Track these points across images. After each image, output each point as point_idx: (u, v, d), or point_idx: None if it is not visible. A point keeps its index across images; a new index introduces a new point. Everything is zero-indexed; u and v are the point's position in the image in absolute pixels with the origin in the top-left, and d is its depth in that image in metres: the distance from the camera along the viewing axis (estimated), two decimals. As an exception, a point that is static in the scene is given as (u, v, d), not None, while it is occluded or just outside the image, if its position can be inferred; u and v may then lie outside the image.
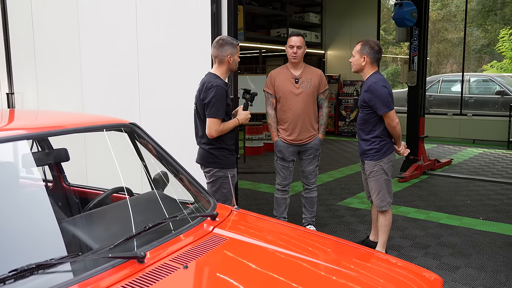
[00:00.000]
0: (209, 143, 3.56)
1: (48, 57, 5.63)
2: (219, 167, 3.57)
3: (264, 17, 11.69)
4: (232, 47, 3.55)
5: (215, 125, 3.45)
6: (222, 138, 3.55)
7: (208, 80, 3.50)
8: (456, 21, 22.72)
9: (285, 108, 4.42)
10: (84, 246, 2.00)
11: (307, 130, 4.43)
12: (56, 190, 3.20)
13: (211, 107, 3.42)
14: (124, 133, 2.62)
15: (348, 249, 2.35)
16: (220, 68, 3.57)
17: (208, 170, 3.61)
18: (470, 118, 11.07)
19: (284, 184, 4.57)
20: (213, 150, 3.56)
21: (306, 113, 4.40)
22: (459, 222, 5.19)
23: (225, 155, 3.59)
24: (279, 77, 4.45)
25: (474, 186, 6.90)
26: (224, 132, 3.53)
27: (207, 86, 3.45)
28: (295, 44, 4.36)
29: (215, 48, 3.56)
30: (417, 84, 7.62)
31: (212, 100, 3.41)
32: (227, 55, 3.53)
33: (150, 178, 2.64)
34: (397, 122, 3.85)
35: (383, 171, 3.91)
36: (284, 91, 4.39)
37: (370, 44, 3.89)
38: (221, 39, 3.57)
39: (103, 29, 5.06)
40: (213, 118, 3.44)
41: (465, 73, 12.01)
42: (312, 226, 4.68)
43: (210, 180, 3.61)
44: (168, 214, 2.26)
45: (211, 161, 3.58)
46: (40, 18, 5.65)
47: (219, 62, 3.56)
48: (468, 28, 20.17)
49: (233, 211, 2.51)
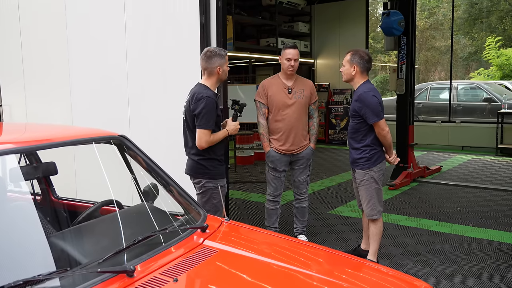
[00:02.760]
0: (199, 153, 3.55)
1: (37, 68, 5.60)
2: (208, 178, 3.56)
3: (254, 27, 11.74)
4: (220, 58, 3.55)
5: (205, 136, 3.45)
6: (211, 149, 3.54)
7: (198, 91, 3.50)
8: (443, 29, 23.02)
9: (278, 118, 4.43)
10: (73, 261, 1.98)
11: (300, 140, 4.45)
12: (45, 204, 3.17)
13: (201, 118, 3.42)
14: (113, 146, 2.60)
15: (340, 259, 2.35)
16: (209, 80, 3.58)
17: (198, 181, 3.59)
18: (458, 125, 11.17)
19: (275, 194, 4.56)
20: (203, 161, 3.55)
21: (298, 123, 4.42)
22: (449, 229, 5.21)
23: (214, 165, 3.58)
24: (272, 87, 4.46)
25: (463, 193, 6.95)
26: (214, 143, 3.53)
27: (197, 97, 3.45)
28: (292, 57, 4.38)
29: (204, 61, 3.56)
30: (405, 92, 7.68)
31: (202, 111, 3.41)
32: (216, 67, 3.53)
33: (140, 190, 2.63)
34: (387, 131, 3.88)
35: (374, 180, 3.93)
36: (277, 101, 4.40)
37: (360, 54, 3.92)
38: (208, 51, 3.57)
39: (92, 40, 5.04)
40: (203, 129, 3.44)
41: (453, 80, 12.13)
42: (304, 235, 4.67)
43: (200, 191, 3.58)
44: (158, 226, 2.25)
45: (201, 172, 3.57)
46: (28, 29, 5.62)
47: (209, 74, 3.57)
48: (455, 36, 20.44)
49: (223, 223, 2.50)
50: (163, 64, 4.55)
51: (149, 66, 4.65)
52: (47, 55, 5.49)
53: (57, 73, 5.40)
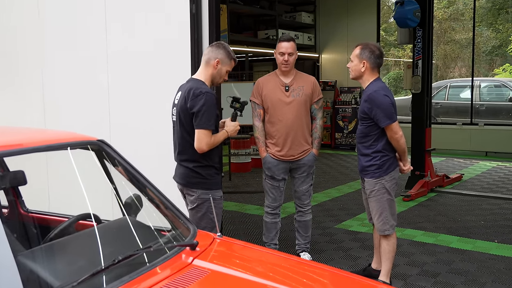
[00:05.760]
0: (194, 160, 3.47)
1: (6, 66, 5.58)
2: (205, 188, 3.48)
3: (251, 17, 11.79)
4: (226, 55, 3.55)
5: (206, 138, 3.38)
6: (208, 155, 3.47)
7: (195, 86, 3.43)
8: (464, 20, 23.15)
9: (274, 119, 4.42)
10: (44, 283, 1.97)
11: (300, 144, 4.43)
12: (12, 218, 3.15)
13: (201, 117, 3.35)
14: (91, 152, 2.59)
15: (348, 281, 2.34)
16: (203, 73, 3.55)
17: (192, 193, 3.51)
18: (481, 128, 11.20)
19: (274, 206, 4.55)
20: (199, 169, 3.48)
21: (298, 125, 4.41)
22: (471, 246, 5.22)
23: (212, 174, 3.53)
24: (267, 85, 4.46)
25: (487, 204, 6.96)
26: (215, 146, 3.47)
27: (194, 93, 3.38)
28: (286, 51, 4.36)
29: (209, 48, 3.60)
30: (421, 91, 7.71)
31: (203, 109, 3.34)
32: (215, 58, 3.52)
33: (121, 202, 2.62)
34: (400, 134, 3.87)
35: (386, 190, 3.92)
36: (272, 100, 4.40)
37: (371, 48, 3.92)
38: (220, 43, 3.63)
39: (68, 32, 5.04)
40: (204, 129, 3.36)
41: (475, 77, 12.20)
42: (307, 253, 4.67)
43: (195, 205, 3.51)
44: (142, 244, 2.25)
45: (196, 182, 3.49)
46: None
47: (205, 63, 3.55)
48: (477, 28, 20.53)
49: (216, 239, 2.50)
50: (148, 60, 4.54)
51: (133, 63, 4.65)
52: (18, 51, 5.48)
53: (27, 70, 5.39)
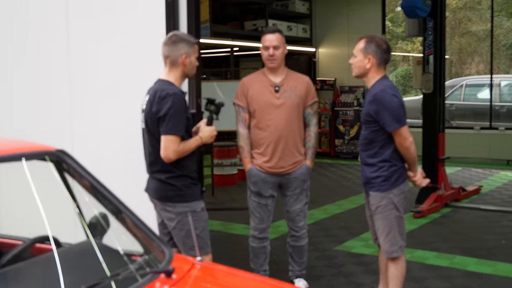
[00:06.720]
0: (167, 170, 3.53)
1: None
2: (183, 201, 3.54)
3: (237, 5, 11.80)
4: (188, 45, 3.59)
5: (173, 145, 3.43)
6: (181, 163, 3.53)
7: (160, 88, 3.50)
8: (481, 9, 23.35)
9: (261, 125, 4.41)
10: (-6, 319, 1.96)
11: (291, 154, 4.40)
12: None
13: (167, 121, 3.42)
14: (49, 163, 2.59)
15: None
16: (172, 73, 3.60)
17: (169, 208, 3.55)
18: (502, 132, 11.28)
19: (261, 228, 4.51)
20: (173, 180, 3.53)
21: (289, 131, 4.38)
22: (492, 269, 5.24)
23: (187, 184, 3.58)
24: (254, 85, 4.46)
25: (509, 221, 7.00)
26: (185, 154, 3.51)
27: (160, 96, 3.45)
28: (270, 44, 4.38)
29: (166, 46, 3.60)
30: (433, 90, 7.76)
31: (169, 113, 3.41)
32: (181, 55, 3.56)
33: (85, 222, 2.61)
34: (410, 141, 3.89)
35: (393, 206, 3.93)
36: (260, 103, 4.39)
37: (377, 41, 3.94)
38: (174, 35, 3.63)
39: (19, 21, 5.02)
40: (170, 135, 3.42)
41: (494, 75, 12.30)
42: (302, 279, 4.66)
43: (174, 222, 3.55)
44: (109, 270, 2.24)
45: (172, 194, 3.54)
46: None
47: (171, 64, 3.59)
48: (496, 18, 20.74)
49: (195, 264, 2.49)
50: (118, 56, 4.54)
51: (99, 59, 4.64)
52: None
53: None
